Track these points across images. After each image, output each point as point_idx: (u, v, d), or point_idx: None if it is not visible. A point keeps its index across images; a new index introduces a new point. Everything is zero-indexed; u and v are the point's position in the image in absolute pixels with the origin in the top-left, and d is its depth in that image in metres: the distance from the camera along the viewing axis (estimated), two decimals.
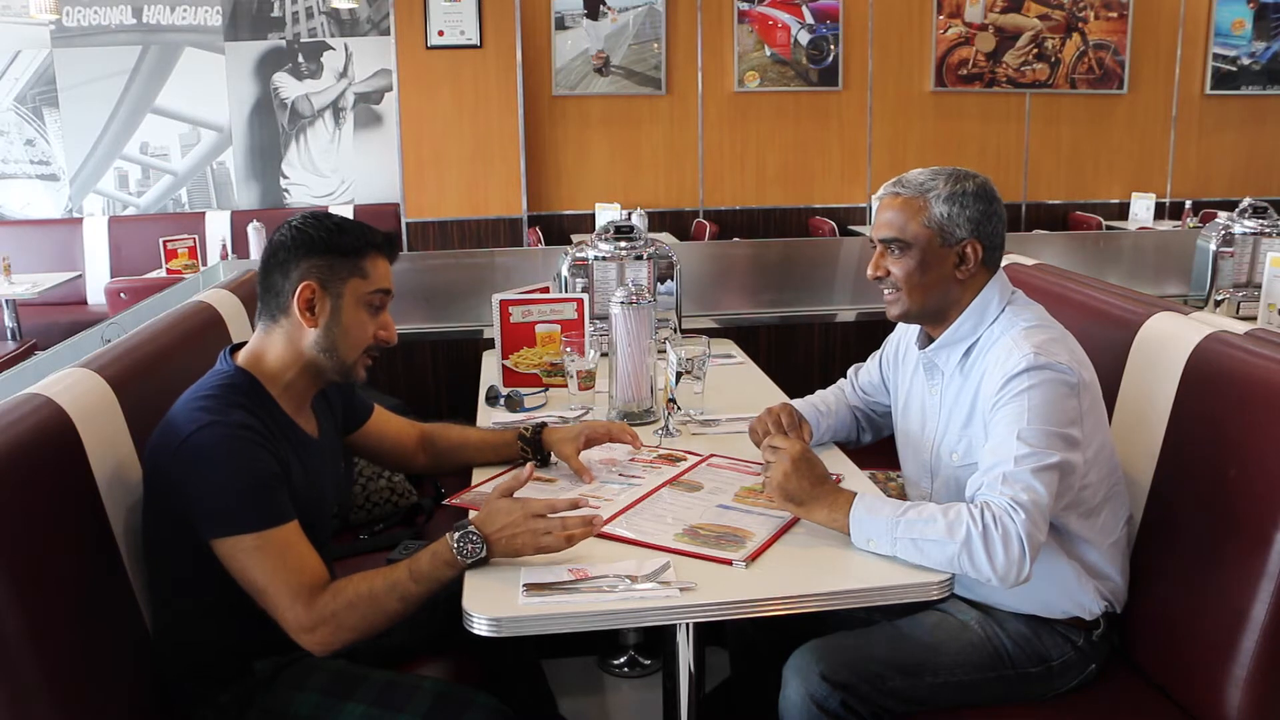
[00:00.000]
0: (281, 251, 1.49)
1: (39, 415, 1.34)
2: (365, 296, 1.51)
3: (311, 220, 1.50)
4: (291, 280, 1.48)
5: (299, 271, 1.48)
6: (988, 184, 1.60)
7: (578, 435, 1.76)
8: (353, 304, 1.50)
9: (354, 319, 1.50)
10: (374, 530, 2.20)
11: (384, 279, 1.53)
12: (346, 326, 1.50)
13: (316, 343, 1.50)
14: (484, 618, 1.27)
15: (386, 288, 1.54)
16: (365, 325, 1.52)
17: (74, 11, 5.77)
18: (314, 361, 1.51)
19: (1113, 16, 6.15)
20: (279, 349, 1.51)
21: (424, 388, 2.72)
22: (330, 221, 1.51)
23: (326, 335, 1.50)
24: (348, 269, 1.49)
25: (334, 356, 1.51)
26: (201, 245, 5.20)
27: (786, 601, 1.34)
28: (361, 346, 1.52)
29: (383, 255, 1.53)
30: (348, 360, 1.52)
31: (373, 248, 1.51)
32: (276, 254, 1.50)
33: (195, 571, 1.40)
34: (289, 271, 1.48)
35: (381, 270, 1.53)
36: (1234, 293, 2.81)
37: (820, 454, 1.66)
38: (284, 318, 1.50)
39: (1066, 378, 1.46)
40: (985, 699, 1.54)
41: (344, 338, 1.50)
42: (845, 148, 6.11)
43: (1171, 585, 1.57)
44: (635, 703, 2.44)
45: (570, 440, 1.75)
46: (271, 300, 1.51)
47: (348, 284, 1.49)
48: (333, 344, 1.50)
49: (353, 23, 5.97)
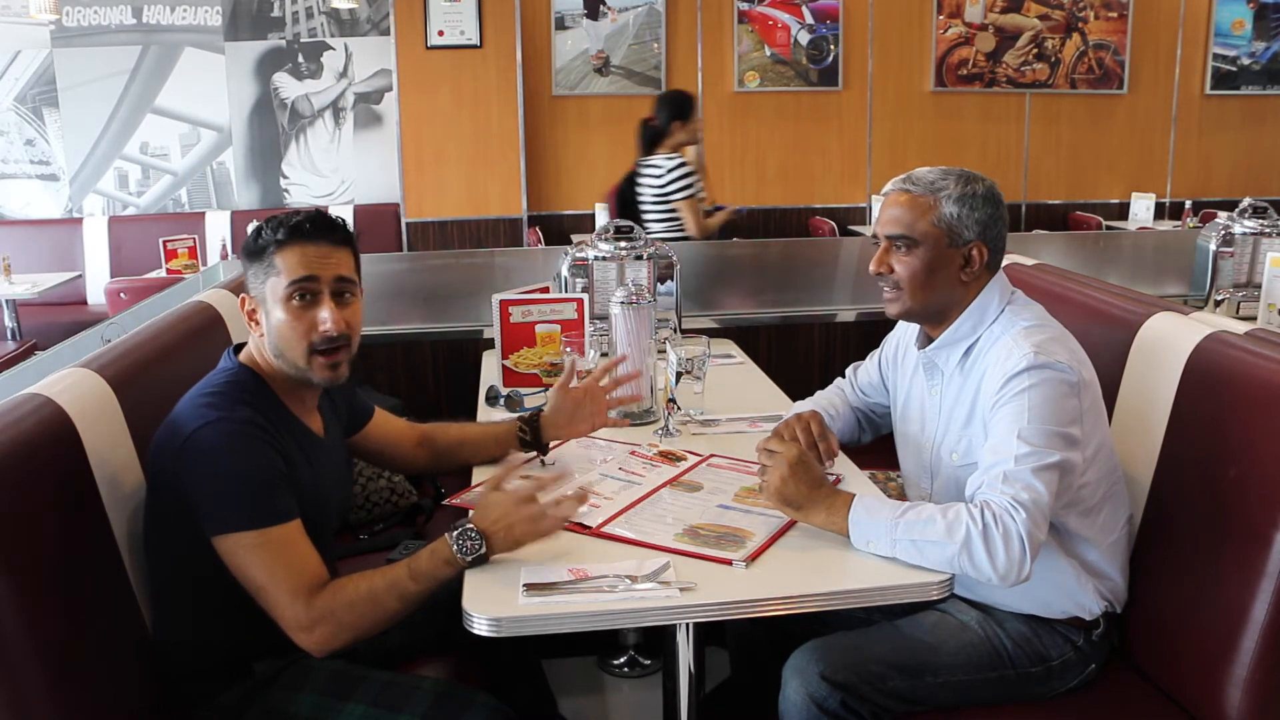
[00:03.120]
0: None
1: (39, 415, 1.34)
2: (283, 293, 1.45)
3: (255, 227, 1.50)
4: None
5: (245, 283, 1.51)
6: (994, 187, 1.60)
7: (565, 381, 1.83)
8: (275, 304, 1.46)
9: (280, 319, 1.46)
10: (374, 530, 2.20)
11: (298, 268, 1.44)
12: (277, 329, 1.47)
13: (271, 349, 1.49)
14: (484, 618, 1.27)
15: (300, 276, 1.44)
16: (295, 323, 1.45)
17: (74, 11, 5.77)
18: (276, 367, 1.50)
19: (1113, 16, 6.15)
20: (264, 353, 1.52)
21: (424, 388, 2.72)
22: (261, 224, 1.49)
23: (270, 342, 1.48)
24: (264, 271, 1.47)
25: (286, 360, 1.48)
26: (201, 245, 5.20)
27: (786, 601, 1.34)
28: (301, 345, 1.46)
29: (293, 244, 1.45)
30: (297, 363, 1.47)
31: (275, 243, 1.45)
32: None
33: (195, 571, 1.40)
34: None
35: (294, 260, 1.44)
36: (1234, 293, 2.81)
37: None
38: (253, 327, 1.52)
39: (1066, 377, 1.46)
40: (985, 699, 1.54)
41: (282, 340, 1.47)
42: (845, 148, 6.11)
43: (1171, 585, 1.57)
44: (635, 703, 2.44)
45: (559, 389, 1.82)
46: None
47: (267, 285, 1.47)
48: (277, 348, 1.48)
49: (353, 23, 5.97)
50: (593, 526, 1.51)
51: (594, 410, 1.84)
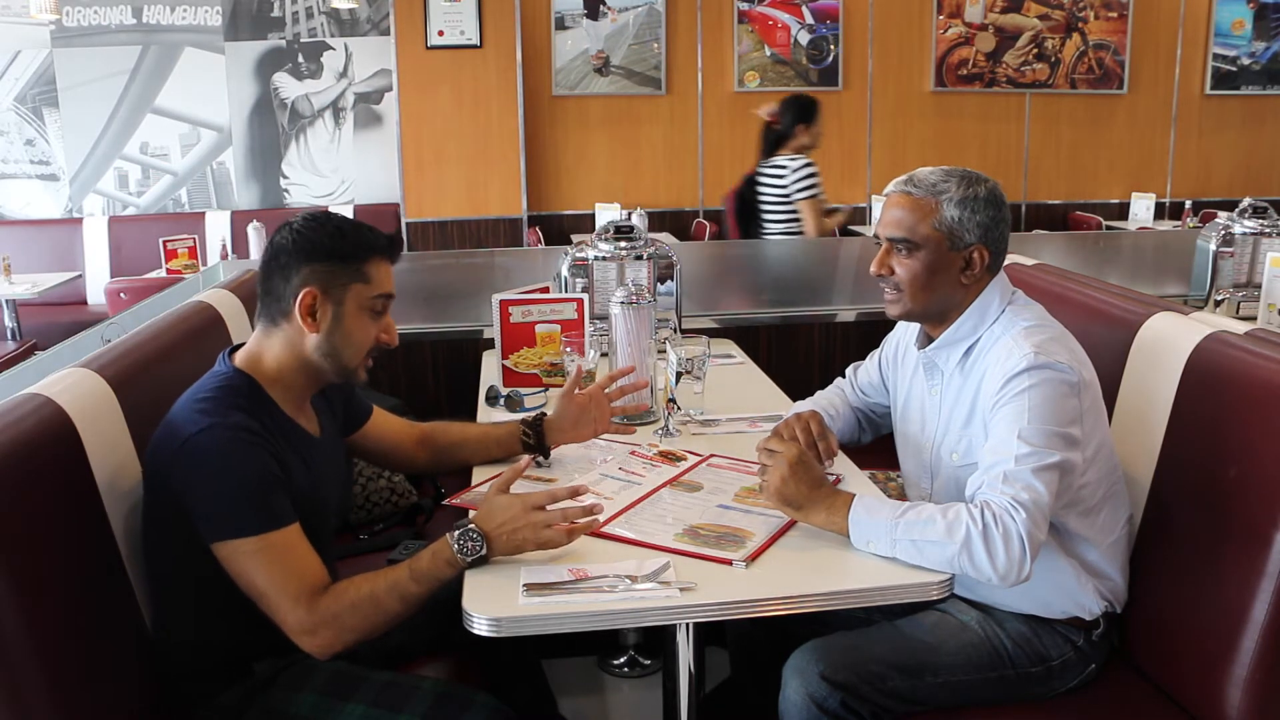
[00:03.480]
0: (282, 255, 1.47)
1: (39, 415, 1.34)
2: (368, 302, 1.49)
3: (312, 223, 1.48)
4: (293, 285, 1.46)
5: (300, 276, 1.46)
6: (997, 189, 1.59)
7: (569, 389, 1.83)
8: (355, 309, 1.49)
9: (356, 324, 1.49)
10: (374, 530, 2.20)
11: (386, 283, 1.52)
12: (349, 331, 1.49)
13: (318, 347, 1.49)
14: (484, 618, 1.27)
15: (389, 292, 1.52)
16: (368, 330, 1.50)
17: (74, 11, 5.77)
18: (315, 365, 1.50)
19: (1113, 16, 6.15)
20: (278, 351, 1.50)
21: (424, 388, 2.72)
22: (331, 224, 1.49)
23: (328, 340, 1.49)
24: (349, 274, 1.47)
25: (336, 361, 1.50)
26: (201, 245, 5.19)
27: (786, 601, 1.34)
28: (364, 351, 1.51)
29: (385, 259, 1.51)
30: (350, 365, 1.51)
31: (374, 252, 1.49)
32: (277, 257, 1.48)
33: (195, 572, 1.40)
34: (290, 276, 1.47)
35: (384, 274, 1.51)
36: (1234, 293, 2.81)
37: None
38: (285, 321, 1.49)
39: (1067, 377, 1.46)
40: (985, 699, 1.54)
41: (346, 343, 1.49)
42: (845, 148, 6.11)
43: (1171, 585, 1.57)
44: (635, 703, 2.44)
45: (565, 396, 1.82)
46: (272, 304, 1.49)
47: (349, 289, 1.48)
48: (335, 349, 1.49)
49: (353, 23, 5.97)
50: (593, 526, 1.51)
51: (598, 416, 1.84)
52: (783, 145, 4.06)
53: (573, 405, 1.82)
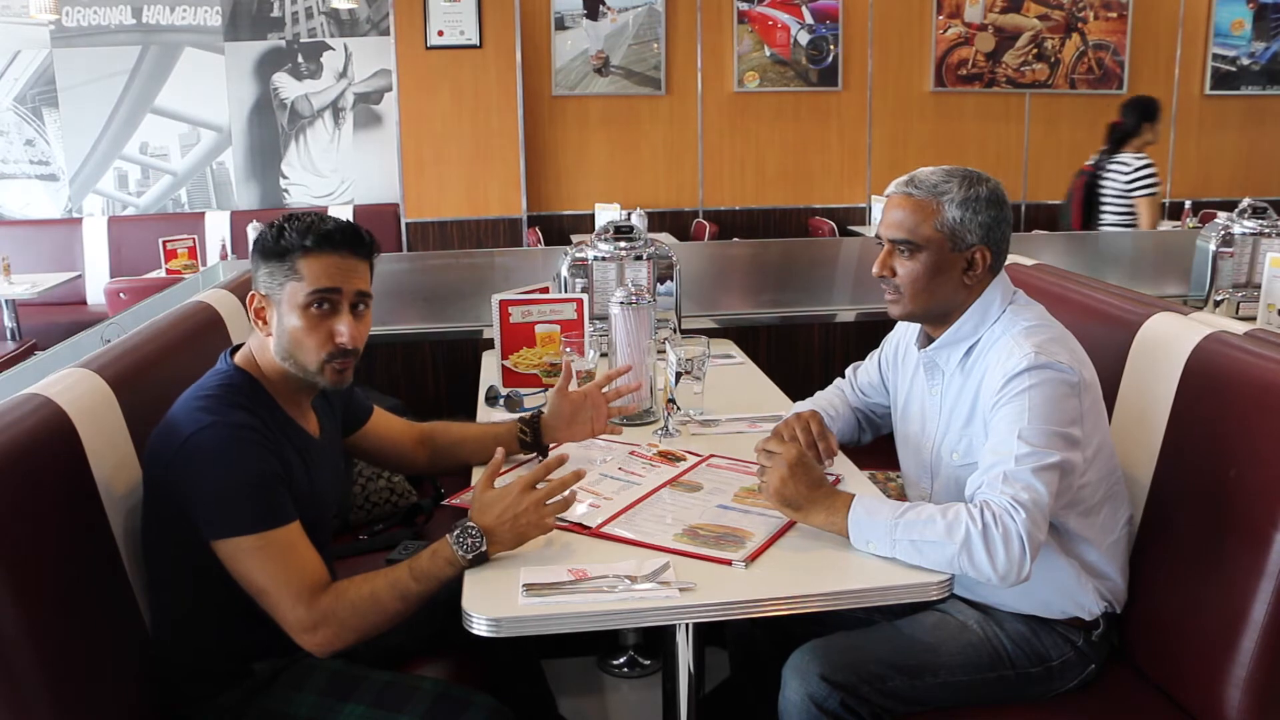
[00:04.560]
0: (251, 259, 1.50)
1: (39, 415, 1.34)
2: (302, 300, 1.42)
3: (272, 223, 1.46)
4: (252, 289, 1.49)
5: (254, 280, 1.48)
6: (999, 189, 1.59)
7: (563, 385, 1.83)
8: (291, 309, 1.43)
9: (296, 325, 1.43)
10: (374, 530, 2.20)
11: (323, 278, 1.42)
12: (290, 333, 1.44)
13: (276, 350, 1.47)
14: (484, 618, 1.27)
15: (326, 286, 1.42)
16: (314, 329, 1.43)
17: (74, 11, 5.77)
18: (282, 368, 1.48)
19: (1112, 17, 6.15)
20: (265, 353, 1.50)
21: (424, 388, 2.72)
22: (279, 223, 1.45)
23: (279, 343, 1.46)
24: (284, 273, 1.43)
25: (295, 363, 1.46)
26: (201, 245, 5.19)
27: (786, 601, 1.34)
28: (316, 353, 1.44)
29: (320, 252, 1.42)
30: (309, 367, 1.46)
31: (302, 248, 1.42)
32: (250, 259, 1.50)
33: (195, 572, 1.40)
34: (252, 278, 1.49)
35: (319, 269, 1.42)
36: (1234, 293, 2.81)
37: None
38: (255, 324, 1.50)
39: (1067, 377, 1.46)
40: (985, 699, 1.54)
41: (295, 345, 1.45)
42: (845, 148, 6.12)
43: (1171, 585, 1.57)
44: (635, 703, 2.44)
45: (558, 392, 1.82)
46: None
47: (285, 289, 1.44)
48: (287, 351, 1.46)
49: (352, 23, 5.97)
50: (592, 527, 1.51)
51: (594, 415, 1.84)
52: (1127, 142, 4.37)
53: (566, 402, 1.82)
